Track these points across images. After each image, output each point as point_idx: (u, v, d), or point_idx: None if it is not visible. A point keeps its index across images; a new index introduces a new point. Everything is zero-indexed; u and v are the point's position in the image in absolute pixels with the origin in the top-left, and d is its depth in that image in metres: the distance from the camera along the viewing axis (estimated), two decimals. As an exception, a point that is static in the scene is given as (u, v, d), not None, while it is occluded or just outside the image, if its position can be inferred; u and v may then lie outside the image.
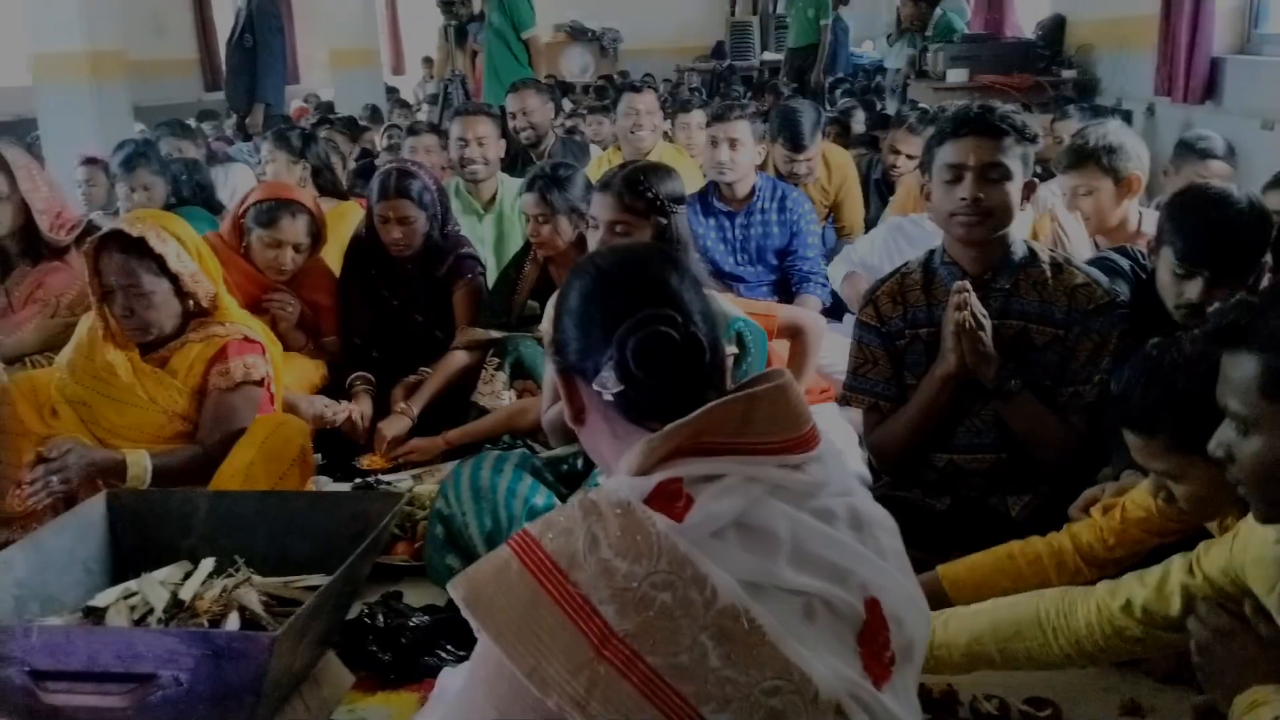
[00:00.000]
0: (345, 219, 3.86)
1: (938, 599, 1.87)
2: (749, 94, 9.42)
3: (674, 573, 1.01)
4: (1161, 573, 1.64)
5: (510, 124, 4.13)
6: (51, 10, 6.15)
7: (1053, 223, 3.08)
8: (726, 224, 3.92)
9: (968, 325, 2.21)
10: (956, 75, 6.73)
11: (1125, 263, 2.53)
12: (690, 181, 4.32)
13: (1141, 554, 1.88)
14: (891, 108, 7.87)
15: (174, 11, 10.97)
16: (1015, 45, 7.33)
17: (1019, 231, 2.39)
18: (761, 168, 4.07)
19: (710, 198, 3.93)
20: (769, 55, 12.89)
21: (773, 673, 1.01)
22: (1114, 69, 6.42)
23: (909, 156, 4.60)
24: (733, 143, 3.79)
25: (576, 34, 12.57)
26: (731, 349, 2.48)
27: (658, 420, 1.14)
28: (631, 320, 1.15)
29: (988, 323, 2.23)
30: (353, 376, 3.30)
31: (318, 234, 3.37)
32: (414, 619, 2.16)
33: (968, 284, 2.25)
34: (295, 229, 3.28)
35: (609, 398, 1.16)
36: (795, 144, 4.41)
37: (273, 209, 3.27)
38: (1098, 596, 1.68)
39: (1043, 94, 6.09)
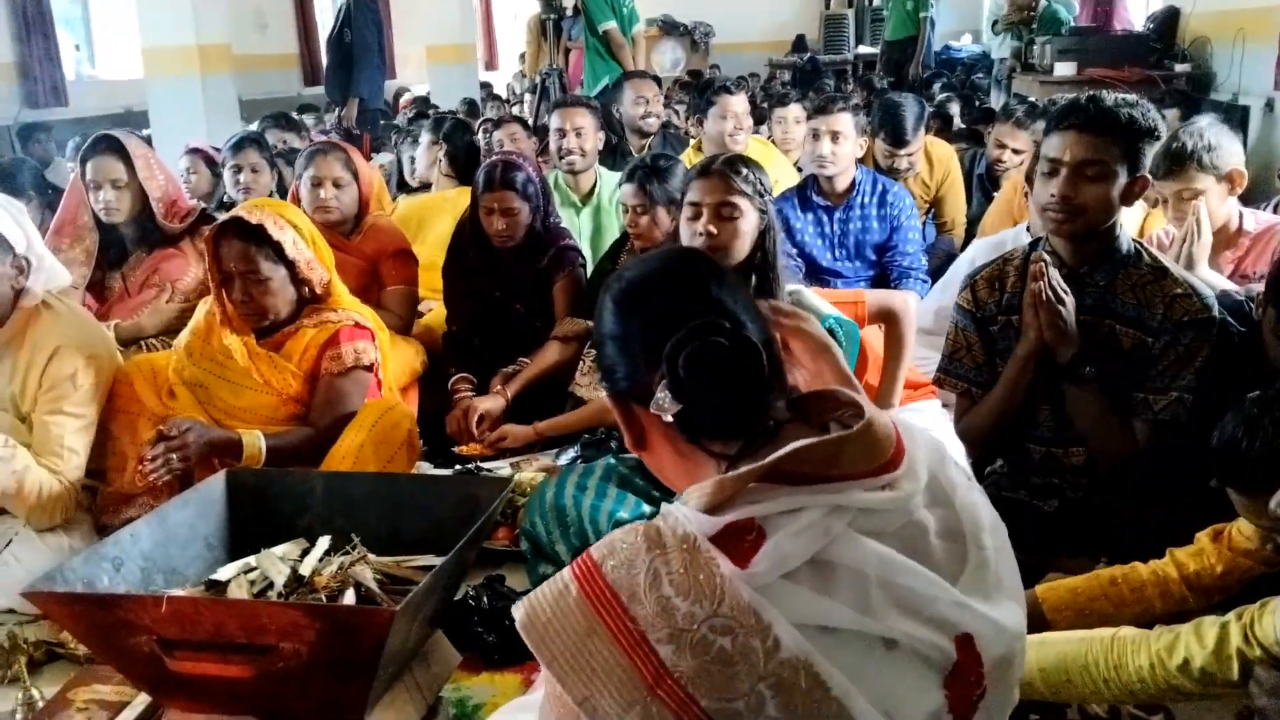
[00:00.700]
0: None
1: (1035, 622, 1.82)
2: (841, 88, 9.32)
3: (735, 618, 0.98)
4: (1219, 635, 1.59)
5: (559, 142, 4.15)
6: (162, 5, 6.35)
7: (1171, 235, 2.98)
8: (825, 219, 3.87)
9: (1044, 297, 2.17)
10: (1064, 68, 6.54)
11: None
12: (784, 177, 4.30)
13: (1249, 581, 1.83)
14: (996, 101, 7.70)
15: (276, 8, 11.24)
16: (1125, 38, 7.11)
17: (1128, 228, 2.32)
18: (861, 162, 4.02)
19: (809, 191, 3.89)
20: (863, 49, 12.72)
21: None
22: (1231, 63, 6.19)
23: (1015, 151, 4.51)
24: (835, 135, 3.75)
25: (668, 28, 12.53)
26: None
27: (722, 436, 1.10)
28: (679, 334, 1.09)
29: (1069, 299, 2.18)
30: (454, 380, 3.32)
31: (356, 174, 3.50)
32: (517, 602, 2.17)
33: (1046, 256, 2.21)
34: (329, 164, 3.42)
35: (668, 419, 1.11)
36: (897, 138, 4.35)
37: (310, 153, 3.48)
38: (1152, 652, 1.63)
39: (1155, 88, 5.90)
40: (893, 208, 3.83)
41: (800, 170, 4.52)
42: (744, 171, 2.47)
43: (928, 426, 2.89)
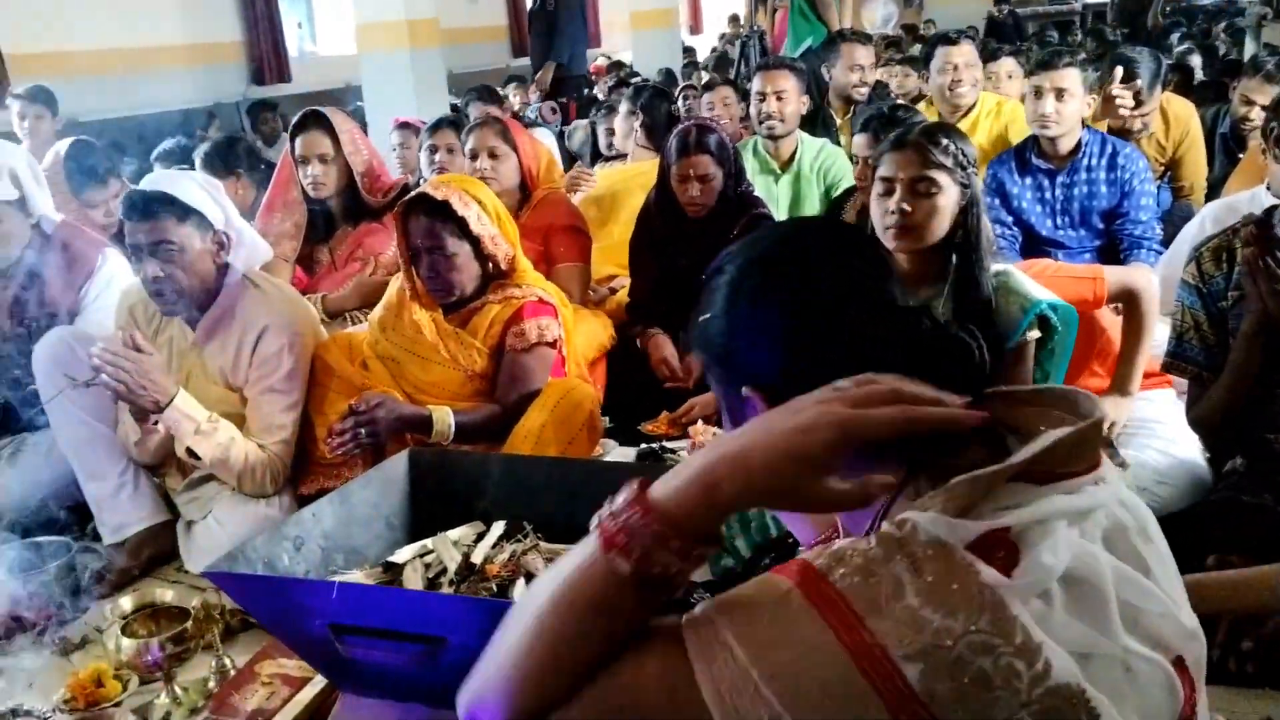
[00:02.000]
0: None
1: None
2: (1066, 40, 8.67)
3: (997, 635, 0.82)
4: None
5: (759, 106, 3.99)
6: (376, -17, 6.55)
7: None
8: (1046, 183, 3.56)
9: (1261, 263, 1.94)
10: (1327, 12, 5.84)
11: None
12: (1023, 132, 4.00)
13: None
14: (1249, 51, 6.97)
15: (486, -20, 11.48)
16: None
17: None
18: (1090, 121, 3.68)
19: (1028, 154, 3.58)
20: (1091, -2, 11.85)
21: None
22: None
23: (1264, 108, 4.02)
24: (1059, 93, 3.42)
25: (882, -17, 12.04)
26: (1033, 333, 2.22)
27: (918, 450, 0.92)
28: (876, 322, 0.96)
29: None
30: (646, 333, 3.29)
31: (515, 146, 3.51)
32: (695, 595, 2.08)
33: (1256, 214, 1.98)
34: (485, 136, 3.48)
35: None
36: (1132, 96, 3.95)
37: (469, 127, 3.58)
38: None
39: None
40: (1124, 170, 3.48)
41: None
42: (943, 142, 2.24)
43: (1160, 419, 2.63)
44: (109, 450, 2.49)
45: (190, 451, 2.39)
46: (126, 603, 2.22)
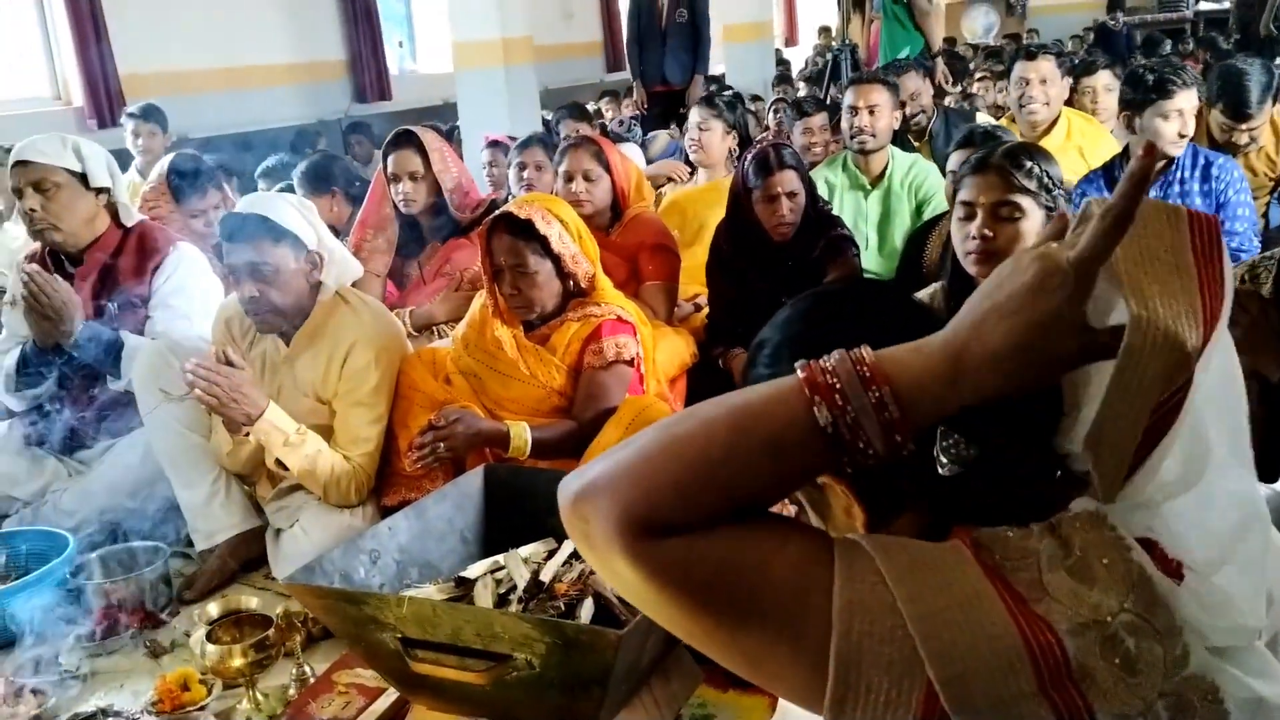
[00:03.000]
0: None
1: None
2: (1177, 48, 8.39)
3: (1145, 615, 0.79)
4: None
5: (851, 120, 3.97)
6: (472, 3, 6.66)
7: None
8: (1141, 200, 3.45)
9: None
10: None
11: None
12: (1102, 153, 3.89)
13: None
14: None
15: (582, -3, 11.61)
16: None
17: None
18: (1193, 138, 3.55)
19: (1117, 171, 3.47)
20: (1205, 4, 11.43)
21: None
22: None
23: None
24: (1174, 114, 3.31)
25: (982, -8, 11.84)
26: None
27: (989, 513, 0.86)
28: None
29: None
30: (727, 354, 3.26)
31: (609, 166, 3.52)
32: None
33: None
34: (580, 158, 3.48)
35: (944, 472, 0.88)
36: (1238, 111, 3.80)
37: (563, 148, 3.59)
38: None
39: None
40: (1218, 181, 3.36)
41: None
42: (1027, 165, 2.18)
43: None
44: (203, 459, 2.59)
45: (279, 462, 2.47)
46: (214, 608, 2.30)
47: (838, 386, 0.78)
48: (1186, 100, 3.27)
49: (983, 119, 4.86)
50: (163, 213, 3.48)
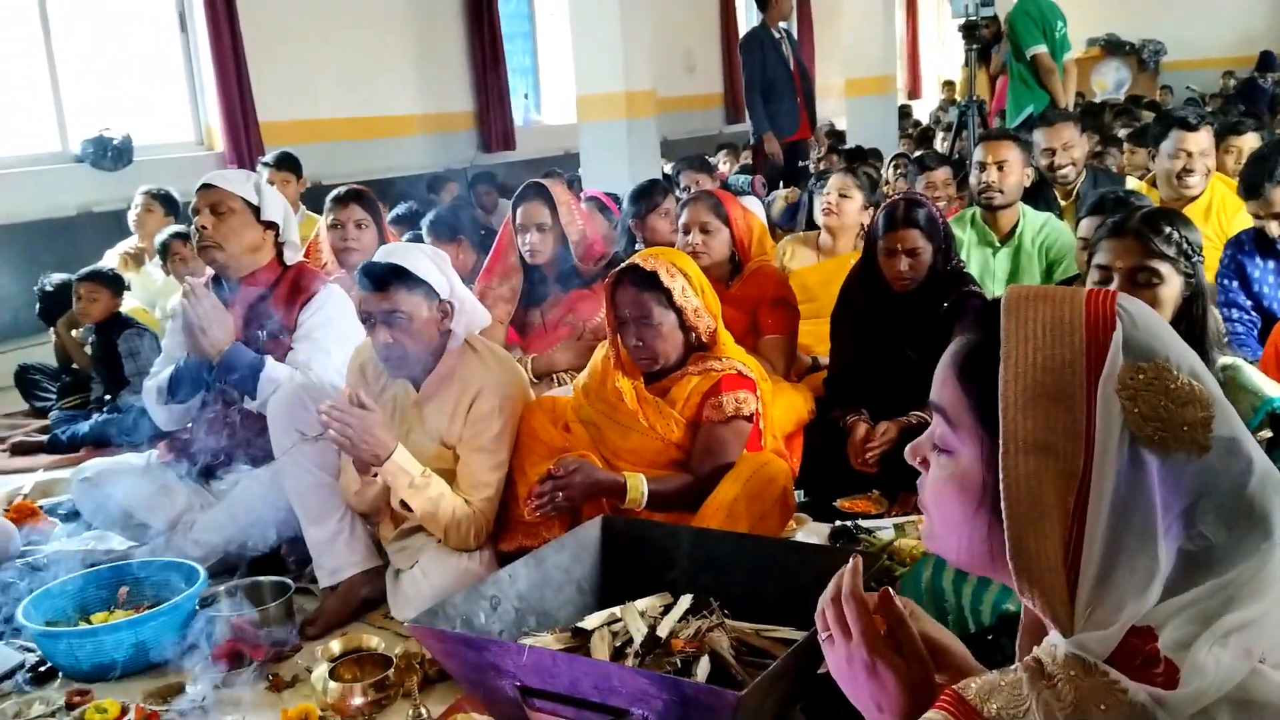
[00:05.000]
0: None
1: None
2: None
3: None
4: None
5: (979, 176, 3.89)
6: (597, 57, 6.82)
7: None
8: (1289, 265, 3.31)
9: None
10: None
11: None
12: (1239, 223, 3.75)
13: None
14: None
15: (705, 50, 11.74)
16: None
17: None
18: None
19: (1246, 248, 3.35)
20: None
21: None
22: None
23: None
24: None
25: (1112, 47, 11.57)
26: (1264, 433, 2.05)
27: None
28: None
29: None
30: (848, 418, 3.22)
31: (728, 219, 3.56)
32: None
33: None
34: (698, 210, 3.53)
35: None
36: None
37: (685, 201, 3.60)
38: None
39: None
40: None
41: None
42: (1165, 230, 2.12)
43: None
44: (331, 498, 2.67)
45: (403, 504, 2.53)
46: (336, 645, 2.35)
47: None
48: None
49: (1133, 183, 4.72)
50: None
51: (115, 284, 4.55)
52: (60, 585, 2.56)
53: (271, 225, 3.01)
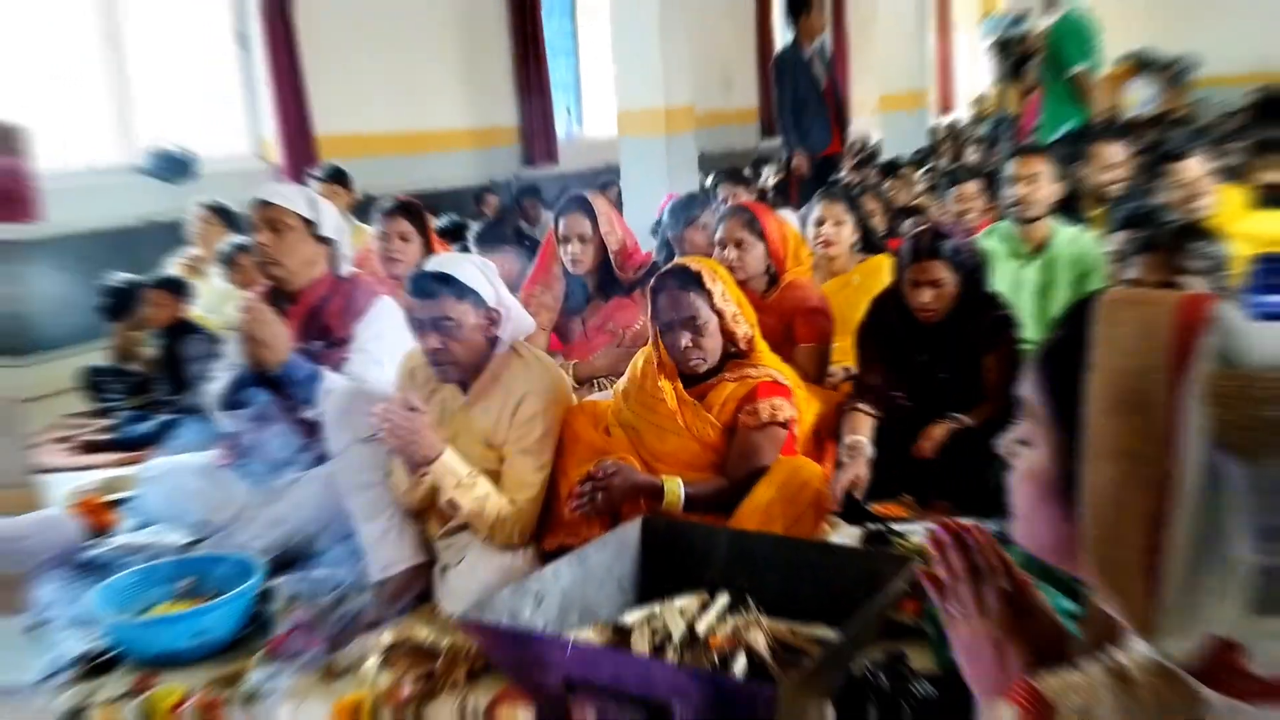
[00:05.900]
0: (878, 273, 3.88)
1: None
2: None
3: None
4: None
5: (1010, 189, 3.97)
6: (637, 74, 6.93)
7: None
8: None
9: None
10: None
11: None
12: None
13: None
14: None
15: (742, 65, 11.82)
16: None
17: None
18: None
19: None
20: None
21: None
22: None
23: None
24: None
25: (1144, 64, 11.50)
26: None
27: None
28: None
29: None
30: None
31: (763, 233, 3.60)
32: (918, 687, 2.08)
33: None
34: (733, 226, 3.58)
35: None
36: None
37: (721, 215, 3.67)
38: None
39: None
40: None
41: None
42: (1195, 244, 2.19)
43: None
44: (381, 496, 2.77)
45: (451, 503, 2.62)
46: (387, 637, 2.45)
47: None
48: None
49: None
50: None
51: (184, 291, 4.72)
52: (125, 578, 2.67)
53: (326, 239, 3.12)
